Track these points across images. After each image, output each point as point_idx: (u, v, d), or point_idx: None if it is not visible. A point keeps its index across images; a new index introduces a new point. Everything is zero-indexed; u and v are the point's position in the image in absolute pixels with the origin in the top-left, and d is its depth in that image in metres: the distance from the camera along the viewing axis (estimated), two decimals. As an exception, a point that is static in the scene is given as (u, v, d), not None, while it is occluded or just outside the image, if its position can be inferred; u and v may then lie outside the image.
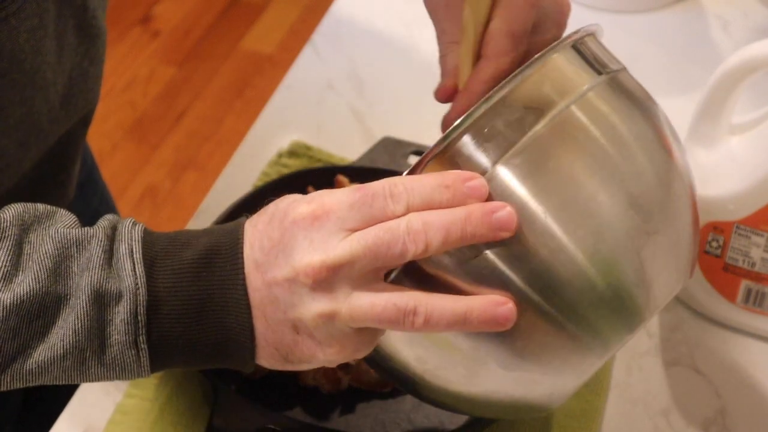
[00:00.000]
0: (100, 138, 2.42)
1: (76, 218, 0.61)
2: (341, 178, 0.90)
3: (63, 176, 0.85)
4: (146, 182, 2.32)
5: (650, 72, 1.15)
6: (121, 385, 0.82)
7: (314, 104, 1.11)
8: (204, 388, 0.80)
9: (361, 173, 0.91)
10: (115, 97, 2.53)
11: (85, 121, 0.87)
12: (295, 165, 1.00)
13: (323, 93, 1.12)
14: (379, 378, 0.79)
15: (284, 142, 1.03)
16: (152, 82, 2.58)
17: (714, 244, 0.86)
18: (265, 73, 2.59)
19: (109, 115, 2.48)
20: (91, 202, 1.02)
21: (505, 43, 0.66)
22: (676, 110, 1.09)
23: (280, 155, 1.02)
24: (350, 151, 0.99)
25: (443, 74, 0.70)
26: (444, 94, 0.69)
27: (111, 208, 1.09)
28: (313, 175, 0.92)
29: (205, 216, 0.95)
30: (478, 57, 0.68)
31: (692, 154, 0.87)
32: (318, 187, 0.90)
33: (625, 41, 1.19)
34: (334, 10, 1.22)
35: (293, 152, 1.02)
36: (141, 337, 0.57)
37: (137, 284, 0.56)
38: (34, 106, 0.73)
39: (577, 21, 1.26)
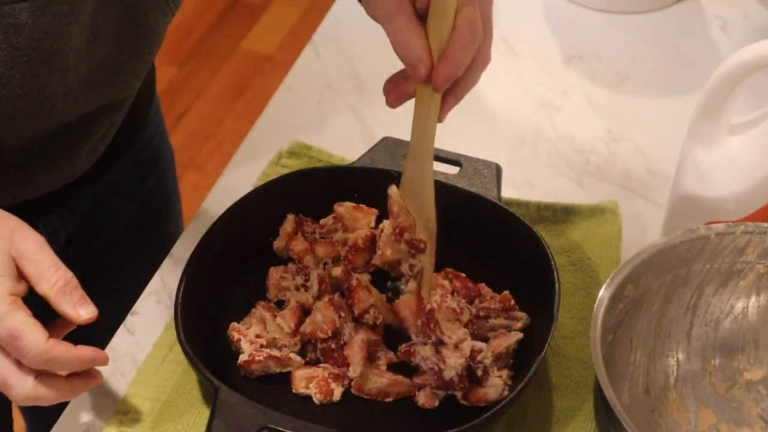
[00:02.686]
0: (100, 138, 2.42)
1: None
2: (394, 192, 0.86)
3: (74, 151, 0.87)
4: (147, 182, 2.32)
5: (650, 72, 1.16)
6: (121, 386, 0.83)
7: (314, 104, 1.11)
8: (204, 388, 0.80)
9: (361, 173, 0.91)
10: (116, 97, 2.53)
11: (116, 107, 0.89)
12: (295, 165, 1.00)
13: (323, 93, 1.12)
14: (382, 387, 0.80)
15: (284, 142, 1.03)
16: (153, 82, 2.58)
17: (714, 244, 0.86)
18: (266, 74, 2.59)
19: (109, 116, 2.48)
20: (145, 182, 1.06)
21: (466, 46, 0.74)
22: (676, 110, 1.10)
23: (280, 155, 1.02)
24: (350, 151, 0.99)
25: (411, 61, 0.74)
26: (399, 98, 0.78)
27: (165, 191, 1.12)
28: (313, 175, 0.92)
29: (206, 216, 0.95)
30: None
31: (692, 154, 0.87)
32: (319, 188, 0.90)
33: (625, 41, 1.20)
34: (334, 10, 1.22)
35: (293, 152, 1.02)
36: None
37: None
38: (49, 84, 0.76)
39: (578, 21, 1.27)
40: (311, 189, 0.90)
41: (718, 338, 0.82)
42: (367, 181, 0.90)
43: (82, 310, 0.68)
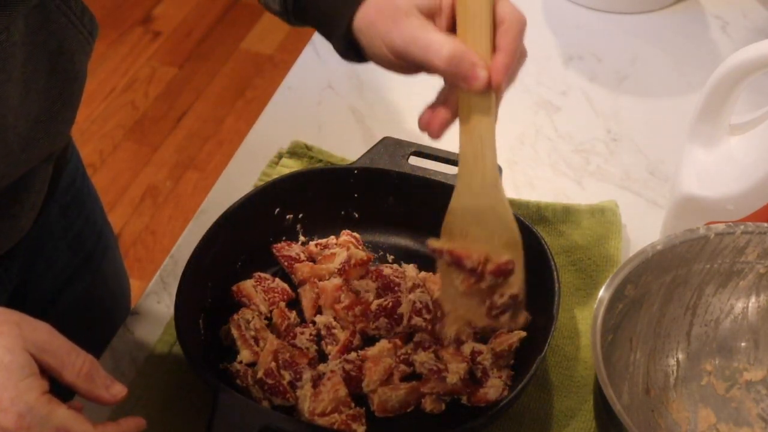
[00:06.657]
0: (101, 138, 2.42)
1: None
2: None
3: (16, 209, 0.84)
4: (147, 182, 2.32)
5: (650, 72, 1.16)
6: (122, 385, 0.83)
7: (314, 104, 1.11)
8: (204, 389, 0.80)
9: (361, 173, 0.91)
10: (116, 97, 2.53)
11: (51, 158, 0.85)
12: (295, 165, 1.00)
13: (323, 93, 1.12)
14: (402, 399, 0.80)
15: (284, 142, 1.03)
16: (153, 82, 2.58)
17: (714, 244, 0.86)
18: (266, 74, 2.59)
19: (110, 116, 2.48)
20: (74, 224, 1.01)
21: (518, 35, 0.70)
22: (676, 110, 1.10)
23: (280, 155, 1.02)
24: (350, 151, 0.99)
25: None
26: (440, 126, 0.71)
27: (96, 229, 1.06)
28: (313, 175, 0.92)
29: (206, 216, 0.95)
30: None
31: (692, 154, 0.87)
32: (318, 188, 0.90)
33: (625, 41, 1.20)
34: (335, 10, 1.22)
35: (293, 152, 1.02)
36: None
37: None
38: None
39: (578, 22, 1.26)
40: (311, 189, 0.90)
41: (718, 338, 0.82)
42: (367, 181, 0.90)
43: (114, 390, 0.67)
